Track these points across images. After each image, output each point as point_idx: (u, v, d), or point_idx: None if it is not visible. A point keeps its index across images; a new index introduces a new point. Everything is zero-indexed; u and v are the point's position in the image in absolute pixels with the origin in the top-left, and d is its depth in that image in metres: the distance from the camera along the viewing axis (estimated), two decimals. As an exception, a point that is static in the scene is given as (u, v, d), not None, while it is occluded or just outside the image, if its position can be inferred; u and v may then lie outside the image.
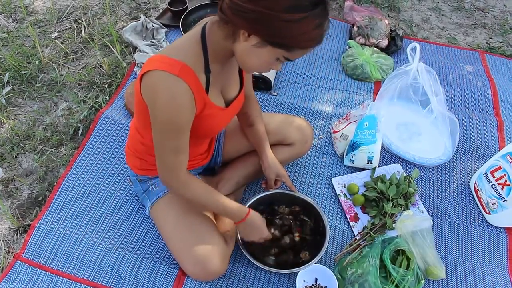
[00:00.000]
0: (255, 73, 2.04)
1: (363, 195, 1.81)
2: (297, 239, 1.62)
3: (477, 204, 1.86)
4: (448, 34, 2.73)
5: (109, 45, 2.37)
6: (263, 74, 2.13)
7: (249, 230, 1.49)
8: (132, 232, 1.68)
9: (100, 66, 2.30)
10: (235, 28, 1.09)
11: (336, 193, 1.84)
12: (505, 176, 1.70)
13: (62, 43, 2.42)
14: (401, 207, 1.75)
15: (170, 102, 1.14)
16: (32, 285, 1.52)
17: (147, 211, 1.57)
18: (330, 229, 1.65)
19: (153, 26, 2.42)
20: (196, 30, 1.21)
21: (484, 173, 1.81)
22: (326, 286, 1.53)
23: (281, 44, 1.08)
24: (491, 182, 1.77)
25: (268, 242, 1.58)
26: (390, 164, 1.96)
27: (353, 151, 1.88)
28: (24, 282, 1.52)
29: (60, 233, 1.65)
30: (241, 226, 1.47)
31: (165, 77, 1.13)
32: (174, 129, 1.20)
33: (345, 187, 1.86)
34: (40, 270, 1.56)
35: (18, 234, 1.70)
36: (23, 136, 1.99)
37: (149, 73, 1.15)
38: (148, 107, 1.20)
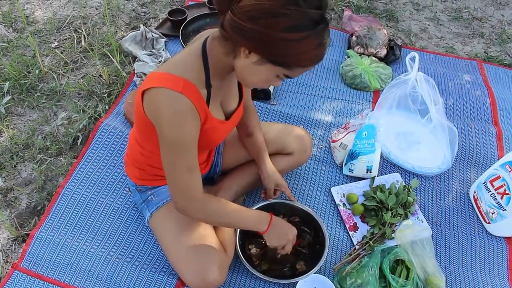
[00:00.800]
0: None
1: (363, 204, 1.80)
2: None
3: (476, 214, 1.86)
4: (446, 43, 2.74)
5: (109, 54, 2.38)
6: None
7: (279, 230, 1.45)
8: (131, 242, 1.68)
9: (100, 75, 2.31)
10: (236, 45, 1.10)
11: (335, 202, 1.84)
12: (505, 185, 1.70)
13: (62, 52, 2.43)
14: (401, 217, 1.75)
15: (176, 119, 1.15)
16: (30, 295, 1.51)
17: (146, 221, 1.57)
18: (329, 238, 1.64)
19: (152, 35, 2.44)
20: (197, 45, 1.21)
21: (483, 183, 1.81)
22: (325, 296, 1.53)
23: (281, 63, 1.08)
24: (490, 191, 1.77)
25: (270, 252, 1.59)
26: (389, 173, 1.96)
27: (352, 160, 1.88)
28: (22, 292, 1.52)
29: (59, 242, 1.64)
30: (270, 232, 1.43)
31: (169, 95, 1.13)
32: (183, 146, 1.20)
33: (344, 196, 1.86)
34: (38, 280, 1.55)
35: (17, 244, 1.69)
36: (23, 145, 1.99)
37: (152, 91, 1.15)
38: (154, 126, 1.21)
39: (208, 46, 1.19)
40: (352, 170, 1.90)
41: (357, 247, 1.68)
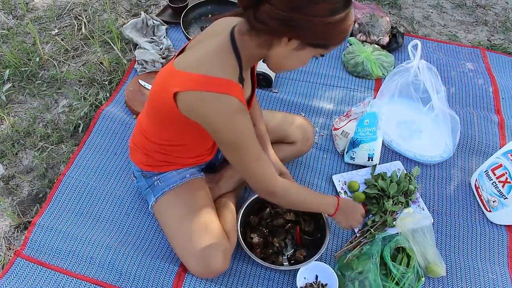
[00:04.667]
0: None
1: (364, 192, 1.81)
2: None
3: (477, 202, 1.86)
4: (449, 31, 2.72)
5: (110, 42, 2.37)
6: (264, 71, 2.13)
7: (349, 211, 1.49)
8: (132, 229, 1.69)
9: (101, 63, 2.30)
10: (275, 36, 1.11)
11: (336, 190, 1.84)
12: (506, 173, 1.70)
13: (62, 40, 2.41)
14: (402, 205, 1.75)
15: (231, 122, 1.15)
16: (33, 282, 1.52)
17: (150, 206, 1.57)
18: (330, 226, 1.65)
19: (153, 23, 2.42)
20: (222, 41, 1.19)
21: (485, 171, 1.81)
22: (326, 284, 1.53)
23: (321, 44, 1.12)
24: (492, 179, 1.77)
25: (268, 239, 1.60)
26: (391, 161, 1.96)
27: (353, 148, 1.88)
28: (24, 279, 1.53)
29: (61, 230, 1.65)
30: (338, 215, 1.46)
31: (217, 99, 1.13)
32: (245, 142, 1.21)
33: (345, 184, 1.86)
34: (41, 267, 1.56)
35: (19, 231, 1.70)
36: (24, 133, 1.99)
37: (192, 94, 1.14)
38: (206, 130, 1.21)
39: (239, 42, 1.18)
40: (354, 158, 1.90)
41: (358, 235, 1.69)
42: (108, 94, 2.14)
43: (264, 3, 1.05)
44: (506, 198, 1.70)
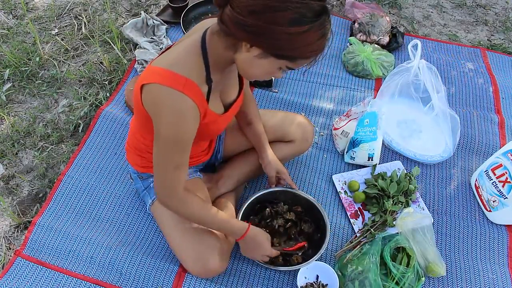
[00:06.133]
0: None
1: (364, 192, 1.81)
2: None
3: (477, 202, 1.86)
4: (449, 31, 2.72)
5: (110, 41, 2.37)
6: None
7: (250, 247, 1.46)
8: (132, 229, 1.69)
9: (101, 62, 2.30)
10: (237, 40, 1.08)
11: (336, 190, 1.84)
12: (506, 173, 1.70)
13: (62, 39, 2.41)
14: (402, 204, 1.75)
15: (176, 119, 1.14)
16: (33, 281, 1.52)
17: (147, 207, 1.57)
18: (330, 226, 1.65)
19: (153, 22, 2.42)
20: (194, 40, 1.18)
21: (485, 171, 1.81)
22: (327, 284, 1.53)
23: (284, 56, 1.07)
24: (492, 179, 1.77)
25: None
26: (391, 161, 1.96)
27: (353, 148, 1.88)
28: (24, 278, 1.53)
29: (61, 229, 1.65)
30: (241, 243, 1.45)
31: (170, 94, 1.11)
32: (179, 145, 1.20)
33: (345, 184, 1.86)
34: (41, 266, 1.56)
35: (19, 231, 1.70)
36: (24, 133, 1.99)
37: (152, 86, 1.13)
38: (152, 121, 1.20)
39: (208, 41, 1.17)
40: (354, 157, 1.90)
41: (358, 235, 1.69)
42: (108, 94, 2.14)
43: (227, 5, 1.03)
44: (506, 198, 1.70)
